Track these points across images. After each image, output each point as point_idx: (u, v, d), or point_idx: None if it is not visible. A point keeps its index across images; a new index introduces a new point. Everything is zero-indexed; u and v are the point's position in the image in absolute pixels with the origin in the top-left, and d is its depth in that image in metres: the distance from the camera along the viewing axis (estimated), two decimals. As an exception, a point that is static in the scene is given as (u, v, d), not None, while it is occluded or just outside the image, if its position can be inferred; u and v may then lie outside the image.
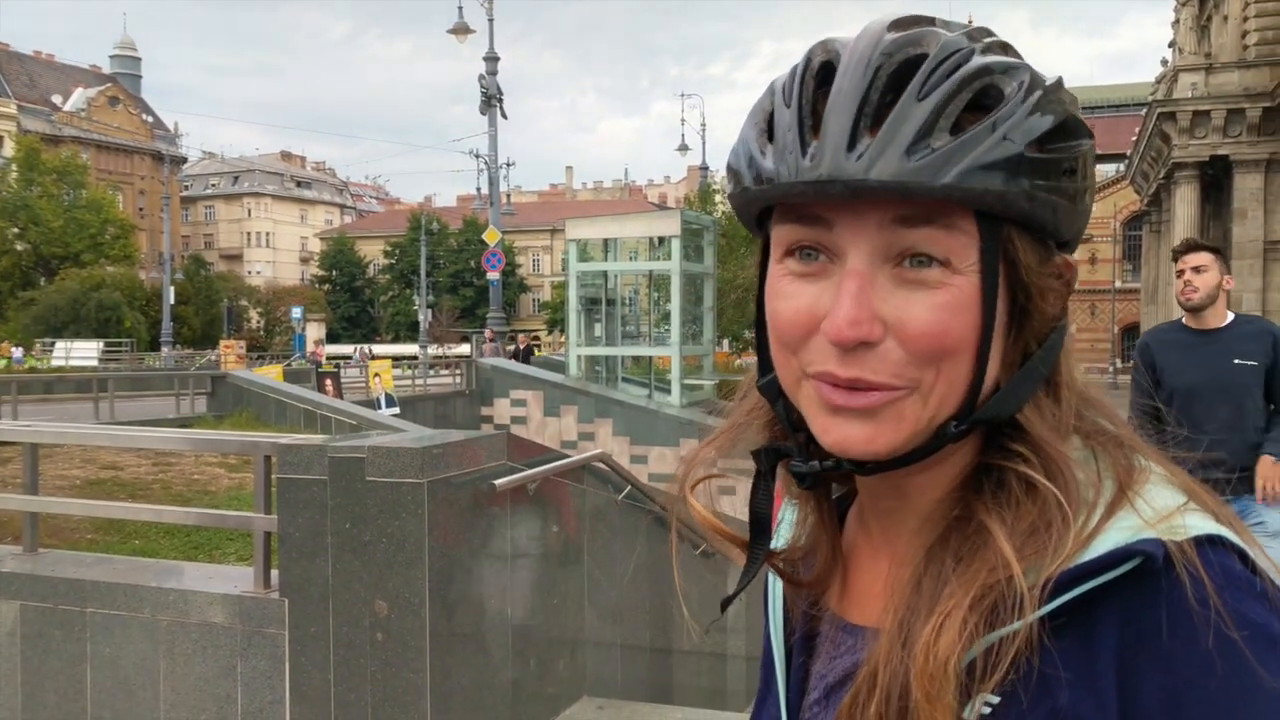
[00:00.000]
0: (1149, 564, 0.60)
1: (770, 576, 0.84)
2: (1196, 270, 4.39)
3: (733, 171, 0.71)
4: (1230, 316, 4.46)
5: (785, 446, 0.75)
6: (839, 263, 0.66)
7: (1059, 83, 0.67)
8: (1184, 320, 4.53)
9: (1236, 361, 4.34)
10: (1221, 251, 4.54)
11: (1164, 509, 0.63)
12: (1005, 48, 0.68)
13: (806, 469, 0.72)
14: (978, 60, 0.64)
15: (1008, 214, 0.64)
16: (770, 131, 0.68)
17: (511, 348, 28.31)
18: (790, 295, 0.68)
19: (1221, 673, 0.58)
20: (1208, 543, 0.61)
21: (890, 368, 0.65)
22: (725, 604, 0.86)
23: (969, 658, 0.62)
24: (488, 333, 27.31)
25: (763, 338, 0.73)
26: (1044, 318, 0.69)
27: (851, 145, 0.63)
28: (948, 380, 0.65)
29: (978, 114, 0.64)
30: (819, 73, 0.67)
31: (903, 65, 0.64)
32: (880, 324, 0.64)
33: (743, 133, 0.71)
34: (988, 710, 0.61)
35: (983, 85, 0.64)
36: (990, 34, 0.68)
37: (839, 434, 0.66)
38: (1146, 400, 4.37)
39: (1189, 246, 4.53)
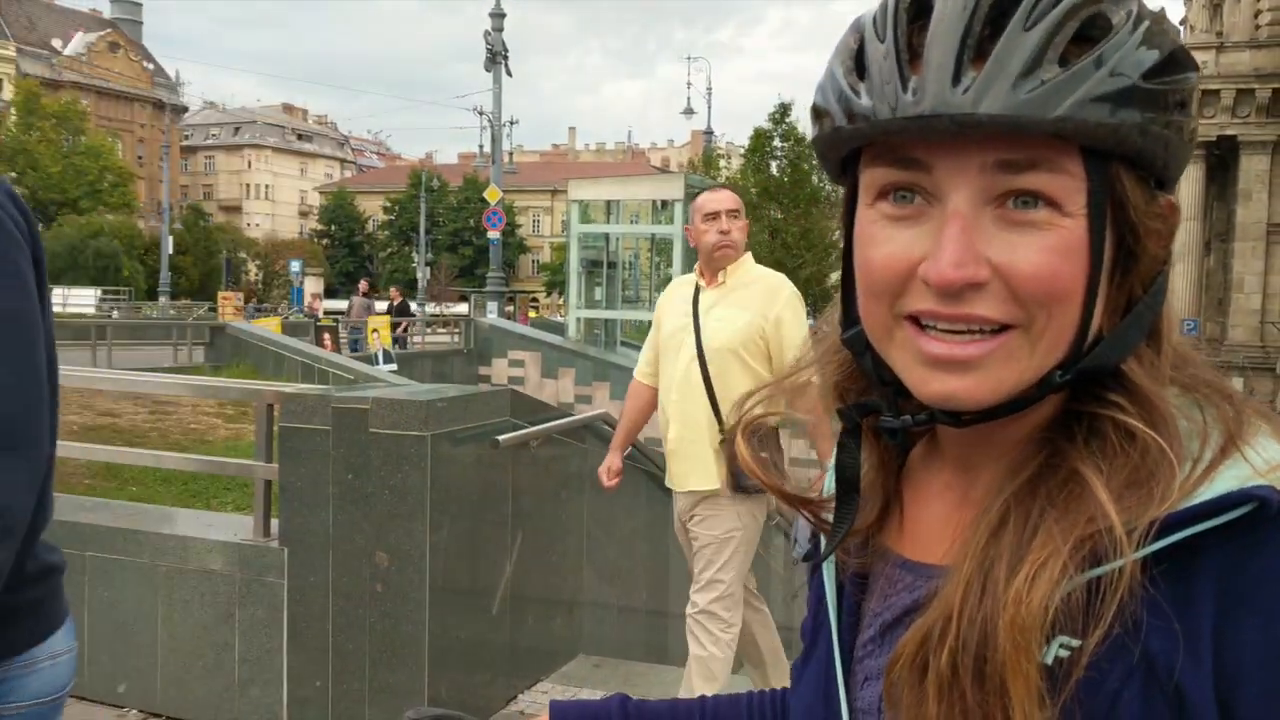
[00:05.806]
0: (1261, 511, 0.58)
1: None
2: None
3: (820, 111, 0.68)
4: None
5: (872, 402, 0.73)
6: (938, 205, 0.63)
7: (1163, 13, 0.64)
8: None
9: None
10: None
11: (1275, 459, 0.61)
12: None
13: (898, 424, 0.70)
14: None
15: (1120, 149, 0.62)
16: (861, 68, 0.65)
17: (384, 305, 27.84)
18: (884, 241, 0.65)
19: None
20: None
21: (1001, 306, 0.62)
22: (813, 569, 0.83)
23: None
24: (362, 286, 26.64)
25: (848, 288, 0.71)
26: (1151, 260, 0.66)
27: (957, 78, 0.60)
28: (1057, 326, 0.63)
29: (1084, 45, 0.61)
30: (911, 5, 0.64)
31: None
32: (986, 265, 0.61)
33: (829, 71, 0.68)
34: (1066, 654, 0.59)
35: (1090, 14, 0.61)
36: None
37: (940, 386, 0.64)
38: None
39: None
